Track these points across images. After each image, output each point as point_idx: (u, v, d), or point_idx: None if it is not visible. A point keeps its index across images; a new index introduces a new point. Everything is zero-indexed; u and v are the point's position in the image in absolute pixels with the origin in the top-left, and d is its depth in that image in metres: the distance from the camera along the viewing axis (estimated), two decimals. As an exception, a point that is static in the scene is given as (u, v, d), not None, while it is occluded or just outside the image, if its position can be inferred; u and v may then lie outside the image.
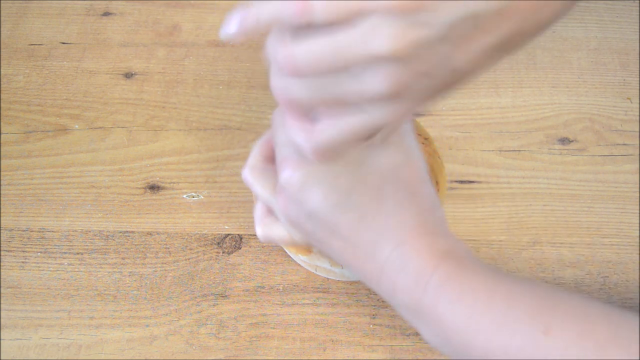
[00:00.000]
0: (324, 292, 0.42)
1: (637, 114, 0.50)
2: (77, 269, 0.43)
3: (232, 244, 0.44)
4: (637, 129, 0.49)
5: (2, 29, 0.57)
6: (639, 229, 0.44)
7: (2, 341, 0.40)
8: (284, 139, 0.32)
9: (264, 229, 0.35)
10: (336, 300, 0.42)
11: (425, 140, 0.43)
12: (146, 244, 0.44)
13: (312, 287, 0.42)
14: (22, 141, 0.50)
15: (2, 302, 0.42)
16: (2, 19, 0.58)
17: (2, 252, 0.44)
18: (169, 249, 0.44)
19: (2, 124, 0.51)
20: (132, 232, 0.45)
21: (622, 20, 0.56)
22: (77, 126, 0.51)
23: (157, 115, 0.51)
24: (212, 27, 0.57)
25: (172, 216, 0.46)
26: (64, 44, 0.56)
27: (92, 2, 0.59)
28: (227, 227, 0.45)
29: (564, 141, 0.49)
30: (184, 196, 0.47)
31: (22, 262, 0.44)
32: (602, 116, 0.50)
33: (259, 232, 0.36)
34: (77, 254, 0.44)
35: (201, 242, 0.44)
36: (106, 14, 0.58)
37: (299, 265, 0.43)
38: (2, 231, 0.45)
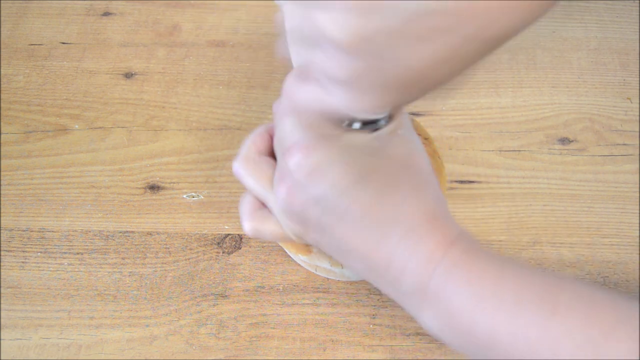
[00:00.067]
0: (324, 292, 0.42)
1: (637, 114, 0.50)
2: (77, 269, 0.43)
3: (232, 244, 0.44)
4: (637, 129, 0.49)
5: (2, 29, 0.57)
6: (639, 229, 0.44)
7: (2, 341, 0.40)
8: (290, 127, 0.32)
9: (254, 224, 0.35)
10: (336, 300, 0.42)
11: (425, 140, 0.43)
12: (146, 244, 0.44)
13: (312, 287, 0.42)
14: (22, 141, 0.50)
15: (2, 302, 0.42)
16: (2, 19, 0.58)
17: (2, 252, 0.44)
18: (169, 249, 0.44)
19: (2, 124, 0.51)
20: (132, 232, 0.45)
21: (622, 20, 0.56)
22: (77, 126, 0.51)
23: (157, 115, 0.51)
24: (212, 27, 0.57)
25: (172, 216, 0.46)
26: (64, 44, 0.56)
27: (92, 2, 0.59)
28: (227, 227, 0.45)
29: (564, 141, 0.49)
30: (184, 196, 0.47)
31: (22, 262, 0.44)
32: (602, 116, 0.50)
33: (247, 226, 0.35)
34: (77, 254, 0.44)
35: (201, 242, 0.44)
36: (106, 14, 0.58)
37: (299, 265, 0.43)
38: (2, 231, 0.45)
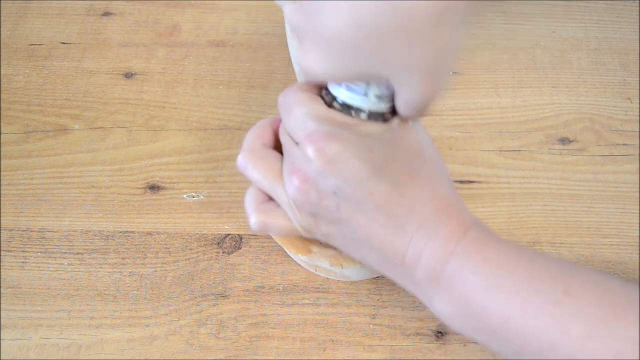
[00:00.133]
0: (324, 292, 0.42)
1: (637, 114, 0.50)
2: (77, 269, 0.43)
3: (232, 244, 0.44)
4: (637, 129, 0.49)
5: (2, 29, 0.57)
6: (639, 229, 0.44)
7: (2, 341, 0.40)
8: (303, 117, 0.32)
9: (261, 217, 0.34)
10: (336, 300, 0.42)
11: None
12: (146, 244, 0.44)
13: (312, 287, 0.42)
14: (22, 141, 0.50)
15: (2, 302, 0.42)
16: (2, 19, 0.58)
17: (2, 252, 0.44)
18: (169, 249, 0.44)
19: (2, 124, 0.51)
20: (132, 232, 0.45)
21: (622, 20, 0.57)
22: (77, 126, 0.51)
23: (157, 115, 0.51)
24: (212, 27, 0.57)
25: (172, 216, 0.46)
26: (64, 44, 0.56)
27: (92, 2, 0.59)
28: (227, 227, 0.45)
29: (564, 141, 0.49)
30: (184, 196, 0.47)
31: (22, 262, 0.44)
32: (602, 116, 0.50)
33: (253, 220, 0.34)
34: (77, 254, 0.44)
35: (201, 242, 0.44)
36: (106, 14, 0.58)
37: (299, 265, 0.43)
38: (2, 231, 0.45)
